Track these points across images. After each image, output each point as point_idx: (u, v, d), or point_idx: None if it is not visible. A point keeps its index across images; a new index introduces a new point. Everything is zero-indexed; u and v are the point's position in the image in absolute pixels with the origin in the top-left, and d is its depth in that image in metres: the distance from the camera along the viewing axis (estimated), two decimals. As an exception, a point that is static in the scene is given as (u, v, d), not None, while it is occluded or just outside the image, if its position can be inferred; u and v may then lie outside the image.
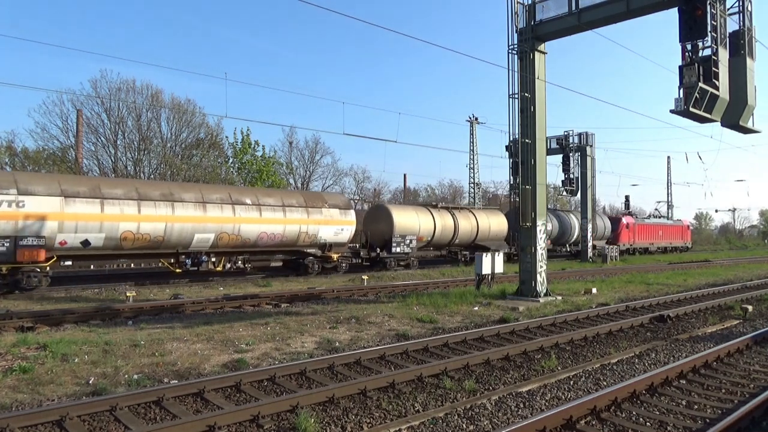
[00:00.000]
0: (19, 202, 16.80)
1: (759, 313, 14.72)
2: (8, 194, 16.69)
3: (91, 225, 18.19)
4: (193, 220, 20.44)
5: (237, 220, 21.63)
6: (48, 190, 17.59)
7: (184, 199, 20.55)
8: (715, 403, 7.01)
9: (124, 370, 8.10)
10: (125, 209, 18.91)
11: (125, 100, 37.82)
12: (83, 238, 18.09)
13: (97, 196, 18.45)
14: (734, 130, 13.51)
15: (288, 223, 23.19)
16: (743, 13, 12.85)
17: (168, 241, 20.09)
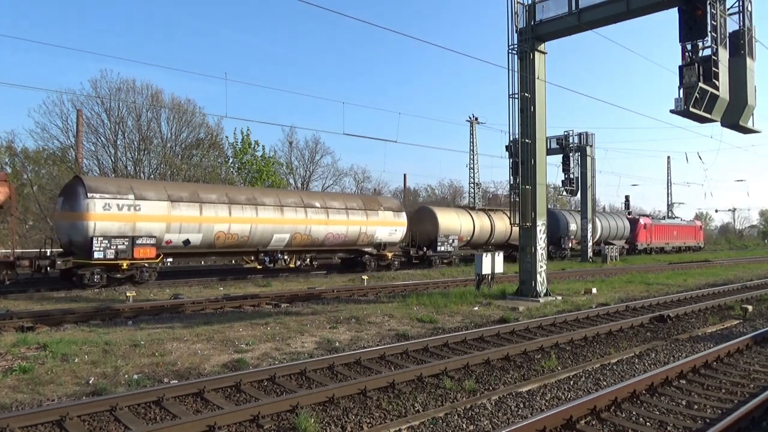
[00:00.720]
0: (135, 206, 19.10)
1: (759, 313, 14.72)
2: (127, 199, 19.01)
3: (191, 226, 20.49)
4: (272, 222, 22.72)
5: (308, 222, 23.91)
6: (158, 195, 19.91)
7: (265, 203, 22.84)
8: (715, 403, 7.01)
9: (124, 370, 8.10)
10: (219, 212, 21.19)
11: (125, 100, 37.82)
12: (185, 237, 20.44)
13: (196, 201, 20.82)
14: (734, 130, 13.51)
15: (350, 224, 25.39)
16: (743, 13, 12.85)
17: (251, 241, 22.37)
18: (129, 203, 18.99)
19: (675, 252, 54.30)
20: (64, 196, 19.04)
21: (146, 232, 19.24)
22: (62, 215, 18.91)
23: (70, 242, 18.67)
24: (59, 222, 19.54)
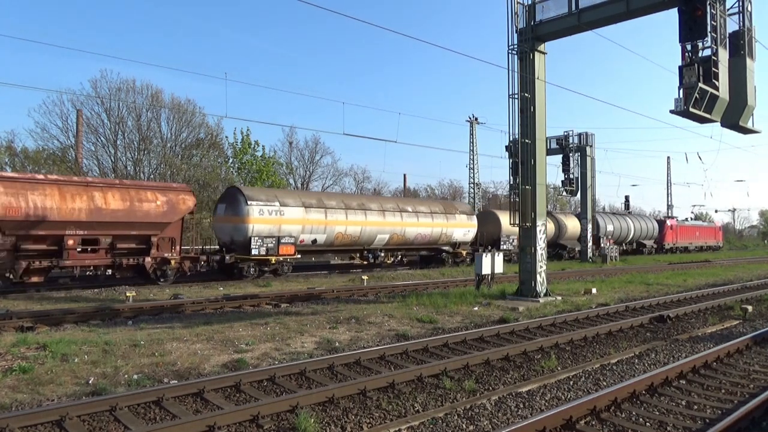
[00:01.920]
0: (280, 212, 23.02)
1: (759, 314, 14.72)
2: (274, 206, 22.89)
3: (319, 228, 24.44)
4: (377, 224, 26.70)
5: (403, 224, 27.93)
6: (295, 202, 23.98)
7: (371, 208, 26.76)
8: (714, 404, 7.01)
9: (123, 370, 8.10)
10: (338, 216, 25.12)
11: (125, 100, 37.84)
12: (314, 237, 24.39)
13: (322, 207, 24.79)
14: (734, 131, 13.51)
15: (434, 226, 29.47)
16: (743, 13, 12.86)
17: (360, 240, 26.41)
18: (275, 209, 22.97)
19: (697, 251, 58.16)
20: (226, 203, 22.85)
21: (287, 233, 23.20)
22: (225, 219, 22.68)
23: (232, 241, 22.38)
24: (222, 225, 23.09)
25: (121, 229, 19.04)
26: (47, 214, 17.24)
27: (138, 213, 19.29)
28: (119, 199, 19.04)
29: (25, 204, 16.85)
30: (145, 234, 19.77)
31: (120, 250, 19.35)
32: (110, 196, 18.86)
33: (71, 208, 17.74)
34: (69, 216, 17.67)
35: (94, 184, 19.33)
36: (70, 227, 17.85)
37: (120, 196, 19.13)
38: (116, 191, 19.16)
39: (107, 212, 18.50)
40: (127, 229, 19.21)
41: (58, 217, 17.49)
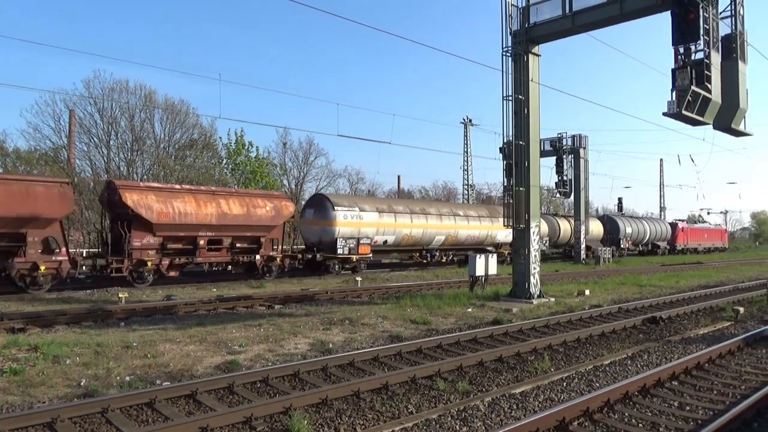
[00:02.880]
0: (360, 216, 26.17)
1: (750, 315, 14.81)
2: (354, 210, 26.15)
3: (390, 230, 27.75)
4: (435, 227, 30.04)
5: (457, 227, 31.40)
6: (370, 207, 27.39)
7: (431, 212, 30.36)
8: (707, 405, 7.04)
9: (116, 371, 8.05)
10: (404, 220, 28.53)
11: (118, 100, 37.70)
12: (385, 238, 27.66)
13: (392, 211, 28.23)
14: (726, 133, 13.60)
15: (481, 228, 32.96)
16: (735, 17, 12.95)
17: (421, 241, 29.78)
18: (356, 214, 26.15)
19: (705, 252, 62.03)
20: (314, 209, 26.16)
21: (365, 234, 26.32)
22: (314, 222, 25.87)
23: (320, 242, 25.45)
24: (310, 227, 26.15)
25: (240, 231, 22.31)
26: (187, 219, 20.51)
27: (253, 217, 22.48)
28: (239, 206, 22.25)
29: (171, 210, 20.11)
30: (256, 235, 22.93)
31: (237, 249, 22.53)
32: (232, 203, 22.11)
33: (204, 213, 21.00)
34: (202, 220, 20.96)
35: (219, 192, 22.96)
36: (202, 229, 21.17)
37: (239, 203, 22.36)
38: (236, 199, 22.55)
39: (230, 217, 21.74)
40: (244, 231, 22.44)
41: (195, 221, 20.77)
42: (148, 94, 39.73)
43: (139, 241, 19.61)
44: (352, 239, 25.56)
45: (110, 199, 19.92)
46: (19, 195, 16.95)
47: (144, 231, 19.71)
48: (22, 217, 16.99)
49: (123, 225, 19.38)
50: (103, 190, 21.24)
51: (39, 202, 17.27)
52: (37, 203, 17.22)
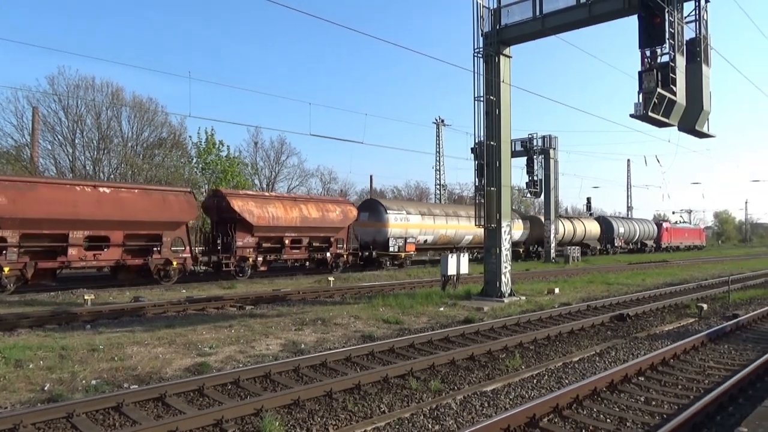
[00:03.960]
0: (406, 218, 29.98)
1: (713, 311, 15.23)
2: (402, 213, 30.01)
3: (429, 231, 31.73)
4: (464, 228, 33.71)
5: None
6: (415, 210, 31.47)
7: (461, 215, 34.27)
8: (672, 399, 7.22)
9: (81, 375, 7.86)
10: (441, 221, 32.73)
11: (84, 97, 36.84)
12: (426, 238, 31.59)
13: (431, 214, 32.42)
14: (690, 135, 13.94)
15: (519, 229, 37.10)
16: (699, 21, 13.28)
17: (453, 240, 33.89)
18: (403, 216, 29.92)
19: (686, 250, 67.14)
20: (369, 212, 29.75)
21: (410, 234, 30.02)
22: (369, 224, 29.33)
23: (374, 241, 28.95)
24: (365, 228, 29.26)
25: (316, 232, 25.72)
26: (278, 222, 23.88)
27: (326, 220, 25.89)
28: (315, 210, 25.68)
29: (266, 214, 23.49)
30: (328, 236, 26.30)
31: (313, 248, 25.86)
32: (310, 207, 25.57)
33: (290, 216, 24.35)
34: (288, 222, 24.32)
35: (299, 199, 26.60)
36: (288, 231, 24.56)
37: (315, 208, 25.85)
38: (312, 204, 26.10)
39: (309, 220, 25.12)
40: (318, 232, 25.84)
41: (283, 224, 24.17)
42: (115, 91, 38.95)
43: (241, 241, 22.91)
44: (401, 239, 29.54)
45: (218, 205, 23.07)
46: (158, 203, 20.40)
47: (245, 232, 23.04)
48: (160, 221, 20.33)
49: (230, 227, 22.56)
50: (210, 197, 24.52)
51: (172, 208, 20.66)
52: (171, 209, 20.60)
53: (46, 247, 18.02)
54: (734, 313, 14.34)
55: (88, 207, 18.40)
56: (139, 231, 19.86)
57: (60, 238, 18.04)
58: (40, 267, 17.68)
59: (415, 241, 30.09)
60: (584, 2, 14.95)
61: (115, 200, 19.27)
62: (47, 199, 17.51)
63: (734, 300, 17.56)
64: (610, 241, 51.19)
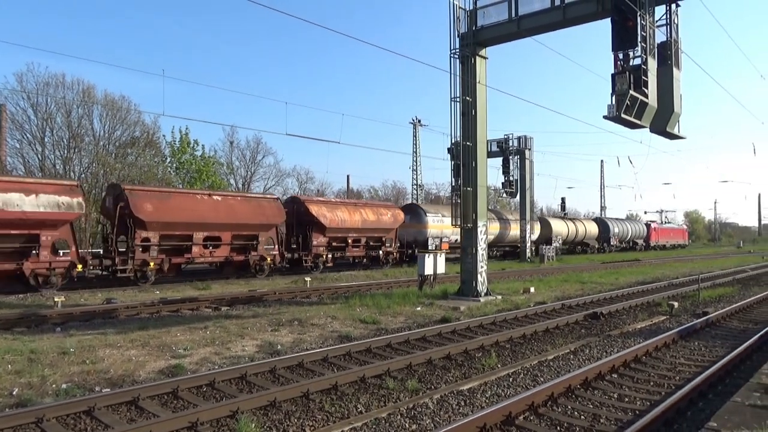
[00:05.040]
0: (441, 221, 33.32)
1: (684, 309, 15.55)
2: (438, 216, 33.88)
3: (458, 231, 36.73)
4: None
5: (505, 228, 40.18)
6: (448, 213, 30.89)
7: (505, 218, 40.66)
8: (644, 396, 7.35)
9: (51, 379, 7.68)
10: None
11: (54, 95, 36.04)
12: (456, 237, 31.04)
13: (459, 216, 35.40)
14: (662, 136, 14.19)
15: (507, 229, 40.70)
16: (670, 25, 13.54)
17: (496, 239, 38.88)
18: (439, 219, 33.50)
19: (671, 248, 72.34)
20: (410, 215, 33.30)
21: (445, 234, 33.39)
22: (410, 225, 32.91)
23: (415, 241, 32.60)
24: (407, 229, 32.72)
25: (372, 233, 29.75)
26: (344, 224, 27.78)
27: (380, 222, 29.84)
28: (371, 214, 29.61)
29: (336, 217, 27.40)
30: (381, 236, 30.34)
31: (369, 246, 29.98)
32: (368, 211, 29.55)
33: (353, 219, 28.28)
34: (352, 224, 28.27)
35: (359, 204, 30.98)
36: (351, 232, 28.57)
37: (371, 212, 29.88)
38: (369, 209, 30.10)
39: (368, 222, 28.96)
40: (374, 233, 29.90)
41: (348, 226, 28.08)
42: (86, 89, 38.20)
43: (316, 240, 26.69)
44: (438, 238, 32.81)
45: (297, 209, 26.61)
46: (256, 208, 24.14)
47: (319, 233, 26.79)
48: (258, 224, 23.91)
49: (307, 229, 26.32)
50: (289, 203, 27.66)
51: (266, 213, 24.42)
52: (265, 213, 24.33)
53: (176, 246, 21.65)
54: (704, 310, 14.67)
55: (207, 212, 22.17)
56: (242, 232, 23.61)
57: (186, 238, 21.75)
58: (173, 262, 21.38)
59: (448, 240, 33.18)
60: (559, 5, 15.14)
61: (226, 206, 23.11)
62: (179, 207, 21.37)
63: (704, 298, 17.98)
64: (607, 240, 55.94)
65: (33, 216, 17.49)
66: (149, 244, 20.49)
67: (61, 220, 18.37)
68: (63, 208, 18.18)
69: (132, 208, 19.69)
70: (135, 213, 19.76)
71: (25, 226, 17.57)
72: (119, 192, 20.44)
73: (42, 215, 17.71)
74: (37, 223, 17.76)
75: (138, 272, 20.15)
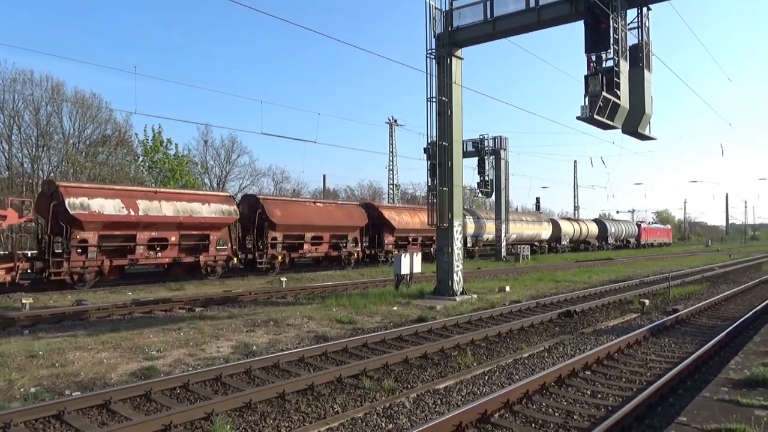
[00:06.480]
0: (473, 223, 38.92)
1: (655, 307, 15.86)
2: (473, 217, 39.08)
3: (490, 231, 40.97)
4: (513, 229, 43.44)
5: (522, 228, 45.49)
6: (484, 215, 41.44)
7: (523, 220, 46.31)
8: (617, 392, 7.47)
9: (19, 383, 7.48)
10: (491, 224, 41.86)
11: (21, 92, 35.14)
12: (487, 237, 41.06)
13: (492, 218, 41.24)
14: (633, 137, 14.46)
15: (533, 229, 47.51)
16: (642, 28, 13.80)
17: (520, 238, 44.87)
18: (474, 219, 39.08)
19: (659, 246, 77.96)
20: None
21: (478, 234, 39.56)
22: None
23: None
24: None
25: (425, 233, 33.32)
26: (408, 225, 32.90)
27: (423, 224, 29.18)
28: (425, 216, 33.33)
29: (402, 219, 32.52)
30: (431, 235, 32.35)
31: (424, 244, 34.53)
32: (422, 214, 31.01)
33: (414, 221, 33.13)
34: (413, 226, 33.10)
35: (416, 208, 35.75)
36: (411, 232, 33.63)
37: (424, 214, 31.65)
38: (420, 212, 33.18)
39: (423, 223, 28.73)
40: (427, 233, 32.96)
41: (410, 227, 33.17)
42: (55, 86, 37.36)
43: (387, 239, 31.97)
44: (473, 237, 38.88)
45: (371, 213, 31.27)
46: (347, 213, 30.15)
47: (389, 233, 32.05)
48: (348, 225, 29.57)
49: (381, 230, 31.64)
50: (365, 207, 32.19)
51: (354, 217, 30.09)
52: (353, 218, 29.99)
53: (293, 244, 26.95)
54: (674, 308, 14.98)
55: (315, 216, 27.77)
56: (337, 232, 28.99)
57: (300, 237, 27.13)
58: (292, 257, 27.05)
59: (483, 239, 39.81)
60: (533, 7, 15.30)
61: (326, 211, 28.69)
62: (297, 212, 26.93)
63: (674, 295, 18.37)
64: (605, 239, 61.63)
65: (208, 220, 22.83)
66: (277, 242, 25.79)
67: (224, 223, 23.67)
68: (225, 214, 23.56)
69: (267, 214, 24.96)
70: (269, 217, 25.05)
71: (202, 228, 22.88)
72: (255, 200, 25.91)
73: (213, 220, 23.05)
74: (210, 225, 23.02)
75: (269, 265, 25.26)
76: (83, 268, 19.40)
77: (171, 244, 21.77)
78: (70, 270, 19.07)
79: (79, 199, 19.05)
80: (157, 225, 21.12)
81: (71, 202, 18.83)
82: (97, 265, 19.65)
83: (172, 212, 21.52)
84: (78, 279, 19.36)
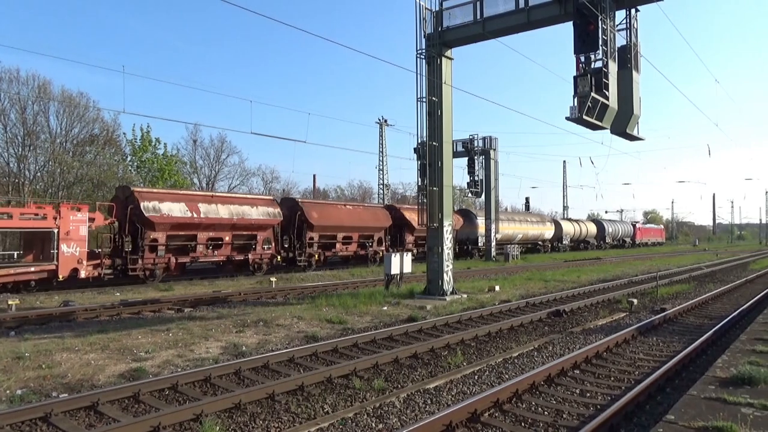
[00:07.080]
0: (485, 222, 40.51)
1: (643, 306, 15.98)
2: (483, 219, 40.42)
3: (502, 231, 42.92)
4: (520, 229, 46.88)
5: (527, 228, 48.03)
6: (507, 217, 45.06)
7: (515, 219, 47.04)
8: (605, 390, 7.52)
9: (5, 385, 7.40)
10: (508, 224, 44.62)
11: (7, 90, 34.75)
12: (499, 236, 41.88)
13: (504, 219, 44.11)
14: (622, 137, 14.57)
15: (536, 229, 49.90)
16: (630, 29, 13.91)
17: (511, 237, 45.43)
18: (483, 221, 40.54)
19: (653, 245, 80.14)
20: (464, 218, 40.40)
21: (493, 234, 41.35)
22: (464, 227, 39.87)
23: (467, 239, 40.85)
24: (461, 230, 39.11)
25: None
26: None
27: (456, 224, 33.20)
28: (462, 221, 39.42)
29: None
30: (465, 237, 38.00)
31: None
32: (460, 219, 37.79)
33: None
34: None
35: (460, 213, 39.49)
36: None
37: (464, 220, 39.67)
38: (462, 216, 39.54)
39: None
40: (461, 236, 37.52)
41: None
42: (42, 84, 36.89)
43: (407, 238, 33.95)
44: (484, 236, 40.58)
45: (394, 215, 33.52)
46: (373, 215, 32.39)
47: (408, 232, 33.90)
48: (375, 226, 31.91)
49: (402, 229, 33.71)
50: (388, 209, 34.60)
51: (379, 218, 32.41)
52: (379, 219, 32.35)
53: (326, 243, 29.28)
54: (662, 307, 15.11)
55: (345, 218, 30.15)
56: (365, 233, 31.46)
57: (333, 237, 29.58)
58: (326, 255, 29.35)
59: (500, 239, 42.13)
60: (523, 8, 15.37)
61: (356, 213, 31.24)
62: (331, 214, 29.40)
63: (662, 295, 18.52)
64: (603, 238, 64.30)
65: (257, 221, 24.89)
66: (314, 242, 28.20)
67: (270, 224, 25.78)
68: (271, 216, 25.65)
69: (306, 216, 27.24)
70: (308, 219, 27.30)
71: (251, 228, 24.94)
72: (294, 203, 28.26)
73: (261, 221, 25.10)
74: (258, 226, 25.12)
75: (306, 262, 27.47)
76: (154, 264, 21.55)
77: (225, 243, 24.15)
78: (144, 266, 21.16)
79: (151, 203, 21.26)
80: (214, 226, 23.37)
81: (146, 206, 20.84)
82: (164, 262, 21.87)
83: (227, 214, 23.82)
84: (149, 274, 21.43)
